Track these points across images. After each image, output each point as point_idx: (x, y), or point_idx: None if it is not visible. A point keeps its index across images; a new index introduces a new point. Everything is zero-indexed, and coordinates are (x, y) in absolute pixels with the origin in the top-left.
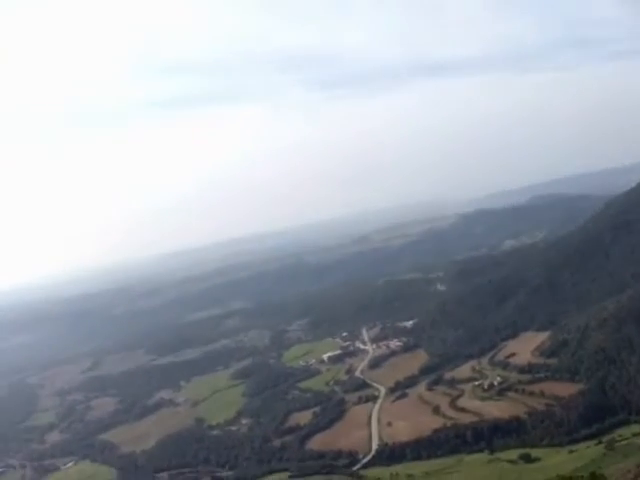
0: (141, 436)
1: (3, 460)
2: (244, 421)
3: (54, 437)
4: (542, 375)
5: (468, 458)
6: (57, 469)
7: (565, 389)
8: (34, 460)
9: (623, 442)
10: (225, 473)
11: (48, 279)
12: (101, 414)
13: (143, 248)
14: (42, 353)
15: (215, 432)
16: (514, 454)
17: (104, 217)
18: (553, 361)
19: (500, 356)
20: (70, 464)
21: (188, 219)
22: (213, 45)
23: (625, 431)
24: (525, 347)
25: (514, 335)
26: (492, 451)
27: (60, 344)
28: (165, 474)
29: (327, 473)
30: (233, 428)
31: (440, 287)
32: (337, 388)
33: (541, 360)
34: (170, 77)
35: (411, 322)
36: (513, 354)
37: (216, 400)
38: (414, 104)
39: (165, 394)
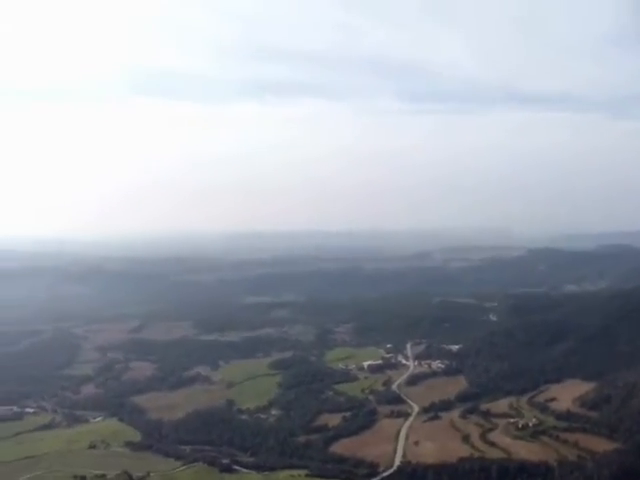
0: (171, 406)
1: (37, 402)
2: (274, 411)
3: (88, 390)
4: (580, 426)
5: None
6: (86, 421)
7: (601, 444)
8: (66, 408)
9: None
10: (245, 459)
11: (112, 238)
12: (137, 377)
13: (214, 223)
14: (92, 306)
15: (244, 417)
16: None
17: (180, 187)
18: (594, 414)
19: (540, 398)
20: (99, 419)
21: (257, 202)
22: (306, 35)
23: None
24: (567, 394)
25: (558, 380)
26: None
27: (111, 301)
28: (188, 447)
29: (345, 479)
30: (262, 416)
31: (492, 317)
32: (371, 397)
33: (582, 410)
34: (259, 63)
35: (457, 346)
36: (554, 399)
37: (251, 386)
38: (498, 130)
39: (202, 370)
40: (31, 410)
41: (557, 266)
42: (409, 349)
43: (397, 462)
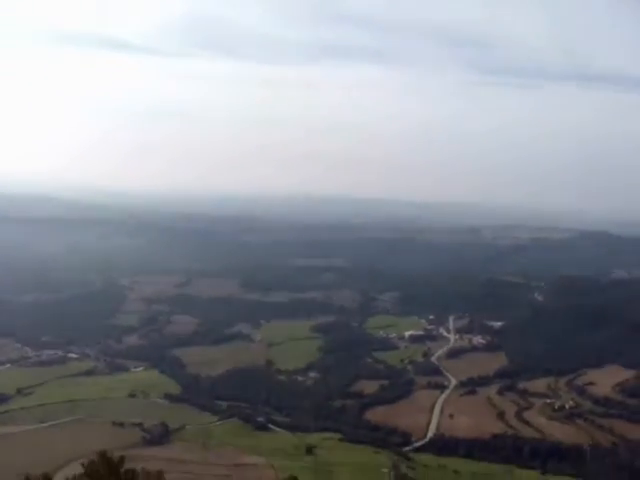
0: (211, 361)
1: (81, 348)
2: (312, 374)
3: (131, 340)
4: (617, 412)
5: (518, 471)
6: (127, 370)
7: (636, 432)
8: (108, 356)
9: None
10: (280, 418)
11: (169, 193)
12: (179, 330)
13: (271, 185)
14: (140, 259)
15: (282, 377)
16: None
17: (232, 147)
18: (633, 401)
19: (579, 381)
20: (139, 369)
21: (310, 166)
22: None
23: None
24: (607, 379)
25: (599, 365)
26: (544, 472)
27: (160, 255)
28: (224, 403)
29: (377, 446)
30: (300, 378)
31: (538, 297)
32: (410, 367)
33: (620, 397)
34: (322, 25)
35: (500, 323)
36: (593, 383)
37: (291, 347)
38: (561, 108)
39: (244, 328)
40: (75, 356)
41: (609, 251)
42: (451, 322)
43: (430, 434)
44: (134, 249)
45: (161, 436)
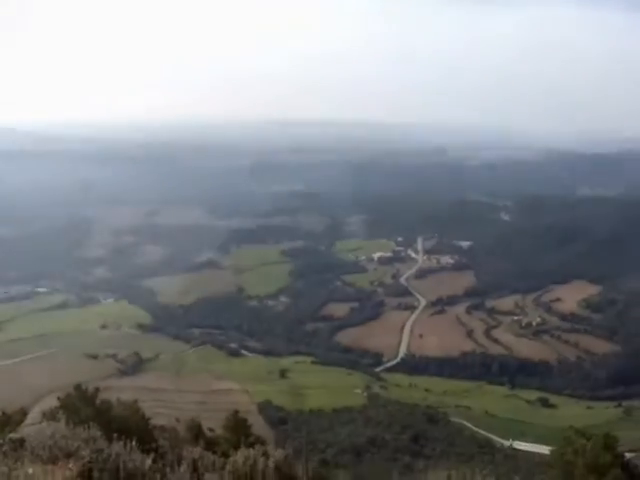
0: (182, 290)
1: (50, 282)
2: (283, 299)
3: (100, 272)
4: (582, 327)
5: (487, 387)
6: (97, 302)
7: (601, 346)
8: (77, 288)
9: None
10: (253, 344)
11: (143, 121)
12: (148, 260)
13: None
14: (107, 189)
15: (253, 303)
16: (533, 395)
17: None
18: (597, 316)
19: (545, 298)
20: (110, 300)
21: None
22: None
23: None
24: (573, 295)
25: (565, 281)
26: (512, 387)
27: (127, 184)
28: (197, 331)
29: (350, 368)
30: (271, 303)
31: (504, 216)
32: (379, 289)
33: (585, 312)
34: None
35: (468, 243)
36: (559, 299)
37: (260, 272)
38: (523, 22)
39: (213, 255)
40: (44, 290)
41: (575, 169)
42: (419, 243)
43: (401, 354)
44: (101, 179)
45: (135, 366)
